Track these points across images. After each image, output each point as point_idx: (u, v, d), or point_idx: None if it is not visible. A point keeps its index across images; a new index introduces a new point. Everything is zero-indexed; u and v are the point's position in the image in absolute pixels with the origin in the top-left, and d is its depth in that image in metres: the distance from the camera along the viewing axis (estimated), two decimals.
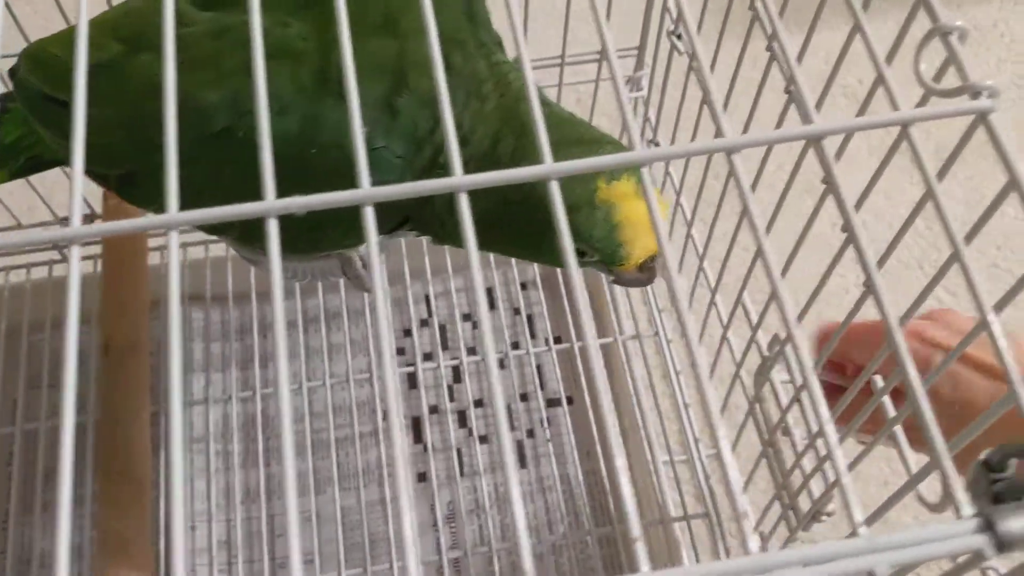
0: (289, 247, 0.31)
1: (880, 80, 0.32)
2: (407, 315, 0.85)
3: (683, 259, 0.68)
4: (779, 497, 0.58)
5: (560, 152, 0.42)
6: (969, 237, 0.32)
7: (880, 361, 0.42)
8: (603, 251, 0.48)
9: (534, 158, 0.46)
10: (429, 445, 0.79)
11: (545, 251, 0.50)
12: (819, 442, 0.55)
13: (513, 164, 0.47)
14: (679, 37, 0.61)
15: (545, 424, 0.81)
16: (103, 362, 0.71)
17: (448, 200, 0.48)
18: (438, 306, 0.87)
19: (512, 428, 0.81)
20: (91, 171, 0.55)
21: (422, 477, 0.78)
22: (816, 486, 0.54)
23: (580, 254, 0.49)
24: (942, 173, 0.34)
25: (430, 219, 0.52)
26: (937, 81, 0.33)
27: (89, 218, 0.77)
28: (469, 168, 0.45)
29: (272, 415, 0.80)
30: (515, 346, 0.85)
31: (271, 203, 0.29)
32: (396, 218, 0.52)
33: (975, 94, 0.32)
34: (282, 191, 0.31)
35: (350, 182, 0.48)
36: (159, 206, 0.55)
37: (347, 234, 0.52)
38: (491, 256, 0.85)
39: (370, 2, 0.49)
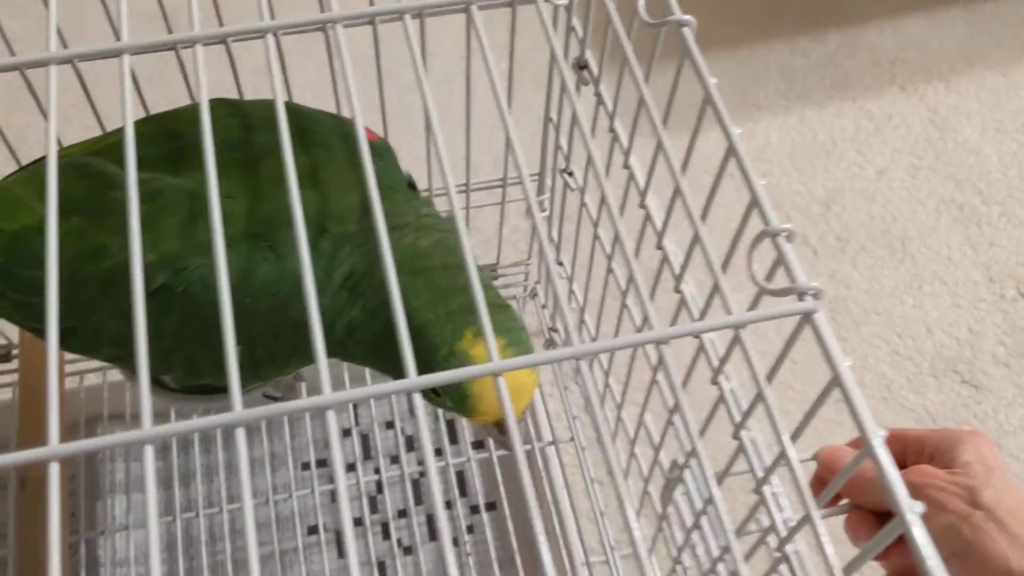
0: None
1: (715, 286, 0.35)
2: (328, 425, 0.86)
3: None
4: None
5: (449, 299, 0.45)
6: (795, 436, 0.35)
7: None
8: (451, 397, 0.48)
9: (413, 298, 0.49)
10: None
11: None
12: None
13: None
14: (570, 174, 0.64)
15: (467, 532, 0.82)
16: (20, 497, 0.71)
17: (347, 327, 0.51)
18: (360, 414, 0.88)
19: (434, 538, 0.83)
20: (26, 326, 0.56)
21: None
22: None
23: (436, 394, 0.50)
24: (772, 374, 0.37)
25: (335, 345, 0.54)
26: (769, 280, 0.36)
27: (5, 349, 0.77)
28: (362, 289, 0.48)
29: (195, 535, 0.80)
30: (437, 452, 0.86)
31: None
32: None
33: (801, 295, 0.35)
34: (220, 335, 0.34)
35: (281, 322, 0.51)
36: (100, 356, 0.57)
37: (283, 369, 0.55)
38: None
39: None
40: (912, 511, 0.31)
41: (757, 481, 0.43)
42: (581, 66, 0.58)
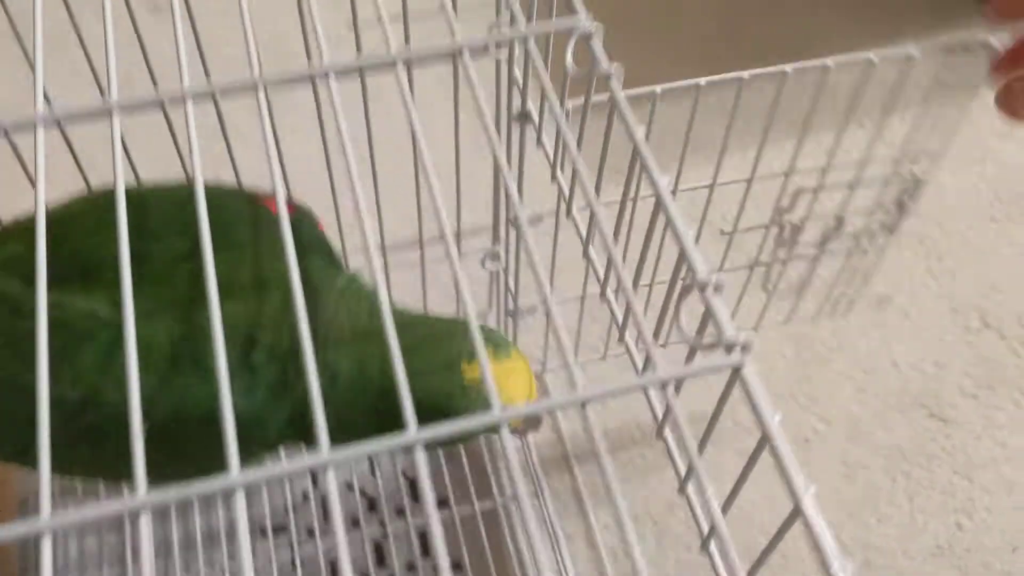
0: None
1: (645, 343, 0.34)
2: (287, 489, 0.84)
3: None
4: None
5: (420, 351, 0.43)
6: (725, 508, 0.34)
7: None
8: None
9: (386, 364, 0.48)
10: None
11: None
12: None
13: (379, 375, 0.48)
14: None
15: None
16: None
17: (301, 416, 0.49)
18: (321, 477, 0.86)
19: None
20: None
21: None
22: None
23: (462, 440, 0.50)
24: (704, 440, 0.35)
25: (305, 434, 0.51)
26: (701, 333, 0.35)
27: None
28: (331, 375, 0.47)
29: None
30: (399, 512, 0.84)
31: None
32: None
33: (730, 348, 0.34)
34: (155, 463, 0.33)
35: (214, 446, 0.48)
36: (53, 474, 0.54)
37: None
38: None
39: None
40: None
41: (703, 539, 0.41)
42: (523, 116, 0.57)
